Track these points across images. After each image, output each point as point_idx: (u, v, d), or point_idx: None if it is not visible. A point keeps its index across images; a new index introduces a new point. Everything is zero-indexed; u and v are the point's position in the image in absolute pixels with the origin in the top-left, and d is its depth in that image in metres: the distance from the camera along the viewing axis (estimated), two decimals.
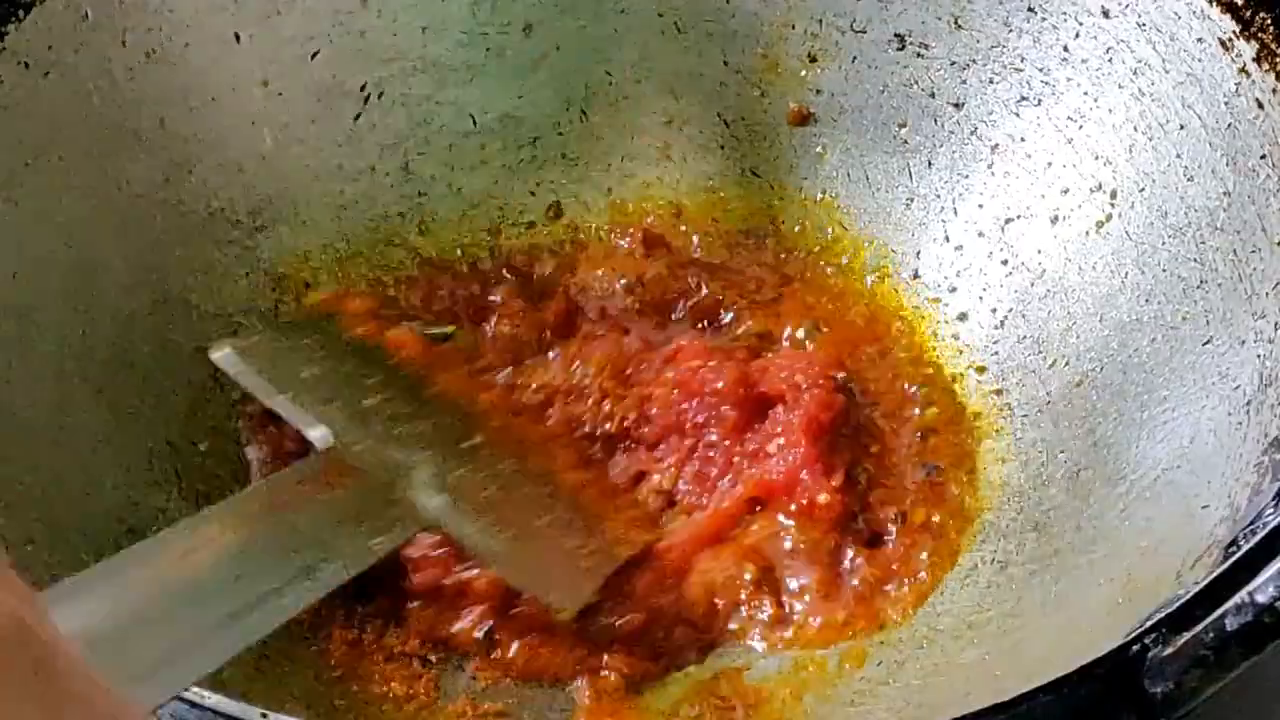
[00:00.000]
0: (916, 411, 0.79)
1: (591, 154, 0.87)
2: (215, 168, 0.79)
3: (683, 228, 0.86)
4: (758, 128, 0.86)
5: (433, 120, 0.85)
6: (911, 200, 0.83)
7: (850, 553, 0.73)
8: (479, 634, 0.70)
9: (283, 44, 0.81)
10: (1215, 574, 0.55)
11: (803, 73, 0.85)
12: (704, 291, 0.83)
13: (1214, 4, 0.71)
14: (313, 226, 0.83)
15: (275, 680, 0.67)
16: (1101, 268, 0.76)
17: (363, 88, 0.84)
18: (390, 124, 0.84)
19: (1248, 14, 0.70)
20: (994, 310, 0.80)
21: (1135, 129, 0.75)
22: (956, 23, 0.81)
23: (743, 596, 0.72)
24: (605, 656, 0.70)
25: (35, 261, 0.71)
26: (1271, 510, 0.58)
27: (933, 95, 0.82)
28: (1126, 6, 0.75)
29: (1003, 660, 0.66)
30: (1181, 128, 0.73)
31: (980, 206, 0.81)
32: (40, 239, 0.71)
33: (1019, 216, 0.80)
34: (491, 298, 0.83)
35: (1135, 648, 0.54)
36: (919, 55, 0.82)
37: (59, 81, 0.73)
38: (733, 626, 0.72)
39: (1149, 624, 0.55)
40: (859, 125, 0.84)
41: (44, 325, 0.71)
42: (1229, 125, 0.70)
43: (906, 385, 0.80)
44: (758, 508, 0.75)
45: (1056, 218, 0.78)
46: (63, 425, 0.70)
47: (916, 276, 0.83)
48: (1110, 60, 0.76)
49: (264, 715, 0.53)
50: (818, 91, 0.85)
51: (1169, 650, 0.53)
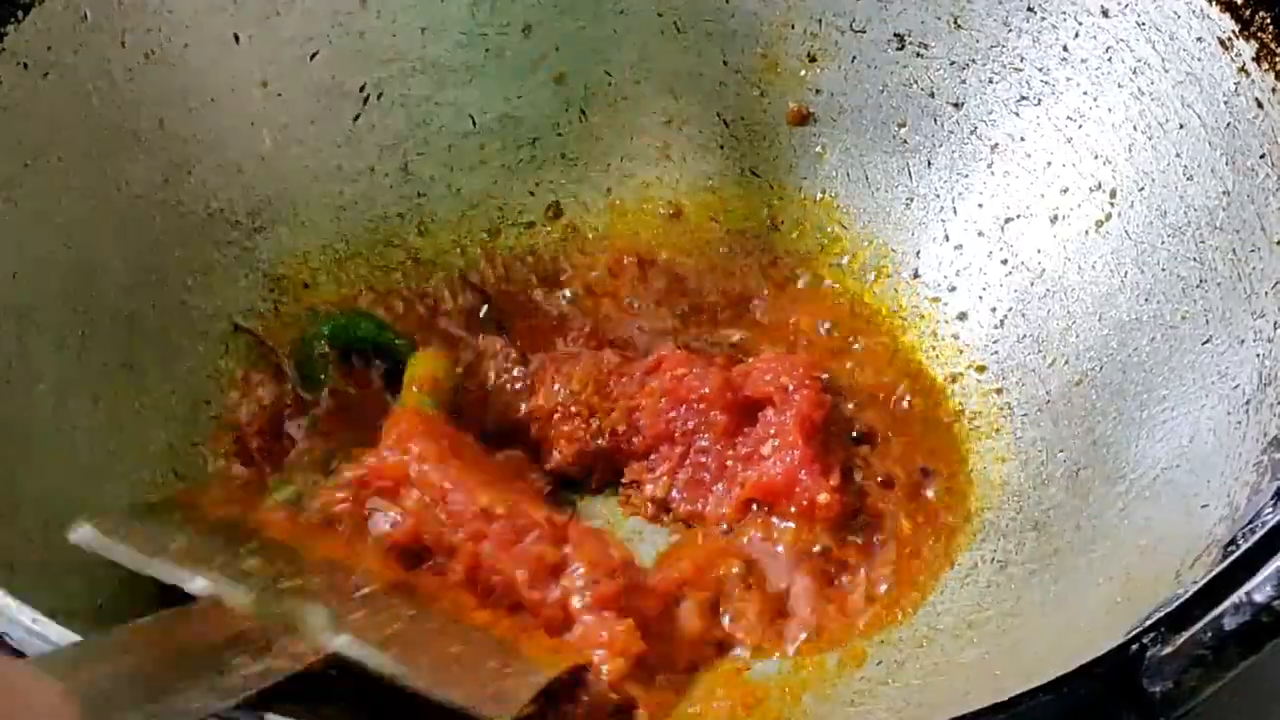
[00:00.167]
0: (905, 405, 0.79)
1: (591, 154, 0.87)
2: (214, 168, 0.79)
3: (681, 228, 0.87)
4: (757, 127, 0.86)
5: (432, 121, 0.85)
6: (911, 200, 0.83)
7: (849, 555, 0.73)
8: None
9: (282, 45, 0.81)
10: (1214, 573, 0.55)
11: (802, 72, 0.85)
12: (703, 293, 0.83)
13: (1213, 3, 0.71)
14: (312, 227, 0.83)
15: None
16: (1101, 267, 0.76)
17: (362, 88, 0.84)
18: (389, 125, 0.84)
19: (1247, 13, 0.70)
20: (994, 309, 0.80)
21: (1135, 128, 0.75)
22: (956, 22, 0.81)
23: (737, 601, 0.72)
24: None
25: (35, 262, 0.71)
26: (1270, 509, 0.58)
27: (932, 95, 0.82)
28: (1126, 6, 0.75)
29: (1002, 660, 0.65)
30: (1181, 127, 0.73)
31: (980, 206, 0.81)
32: (40, 239, 0.71)
33: (1019, 216, 0.80)
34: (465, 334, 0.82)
35: (1134, 647, 0.54)
36: (918, 55, 0.82)
37: (58, 82, 0.73)
38: (731, 629, 0.72)
39: (1148, 623, 0.55)
40: (858, 125, 0.84)
41: (44, 325, 0.71)
42: (1228, 124, 0.70)
43: (898, 385, 0.80)
44: (754, 508, 0.75)
45: (1056, 217, 0.78)
46: (62, 425, 0.70)
47: (916, 276, 0.83)
48: (1110, 60, 0.76)
49: (261, 716, 0.53)
50: (817, 91, 0.85)
51: (1168, 650, 0.53)
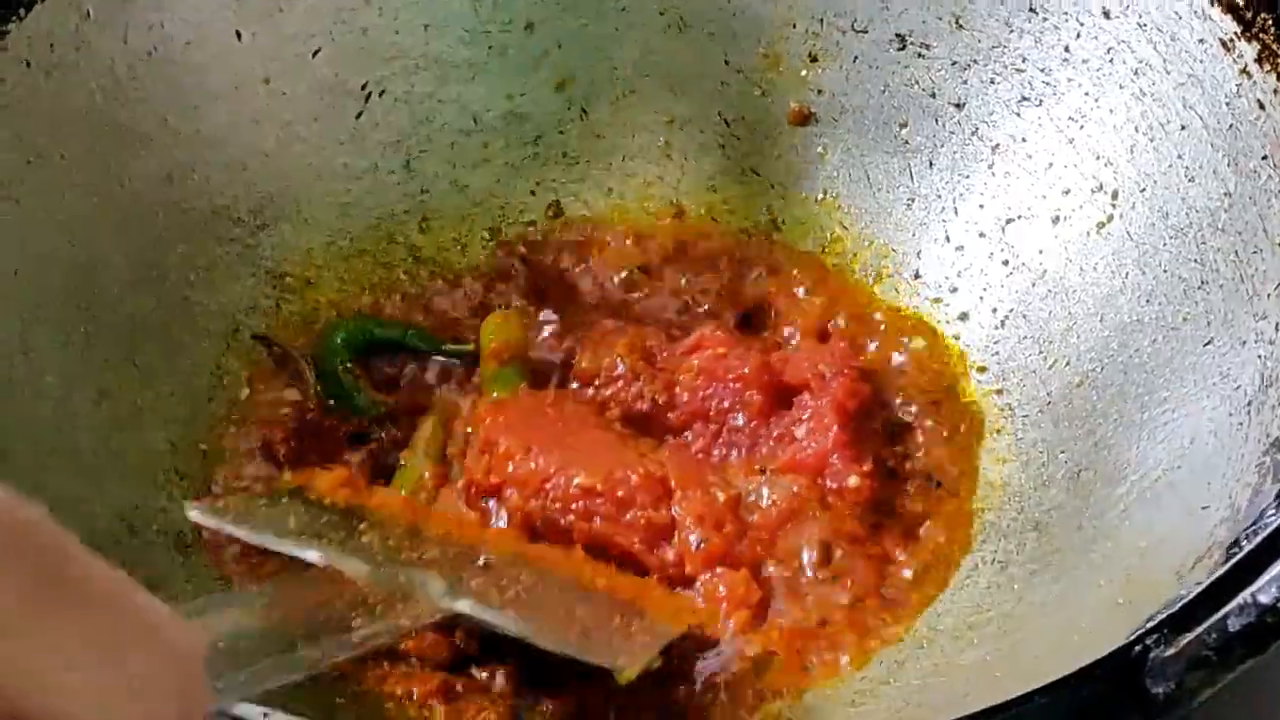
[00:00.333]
0: (914, 410, 0.79)
1: (593, 153, 0.87)
2: (217, 166, 0.79)
3: (682, 227, 0.87)
4: (759, 127, 0.86)
5: (435, 118, 0.85)
6: (912, 200, 0.83)
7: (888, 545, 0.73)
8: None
9: (285, 42, 0.81)
10: (1217, 575, 0.55)
11: (804, 72, 0.85)
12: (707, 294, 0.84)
13: (1215, 5, 0.71)
14: (315, 224, 0.83)
15: None
16: (1102, 268, 0.76)
17: (365, 86, 0.83)
18: (392, 122, 0.84)
19: (1249, 15, 0.70)
20: (995, 310, 0.80)
21: (1136, 129, 0.75)
22: (958, 23, 0.81)
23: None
24: None
25: (37, 260, 0.71)
26: (1273, 511, 0.58)
27: (934, 95, 0.82)
28: (1128, 7, 0.75)
29: (1003, 661, 0.65)
30: (1183, 128, 0.73)
31: (981, 207, 0.81)
32: (43, 237, 0.71)
33: (1020, 217, 0.80)
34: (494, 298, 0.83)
35: (1137, 648, 0.54)
36: (920, 55, 0.82)
37: (61, 80, 0.73)
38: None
39: (1151, 624, 0.54)
40: (860, 125, 0.84)
41: (46, 323, 0.71)
42: (1230, 126, 0.70)
43: (913, 387, 0.80)
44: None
45: (1057, 218, 0.78)
46: (64, 424, 0.70)
47: (917, 277, 0.83)
48: (1111, 61, 0.76)
49: (265, 715, 0.53)
50: (819, 91, 0.85)
51: (1171, 651, 0.53)
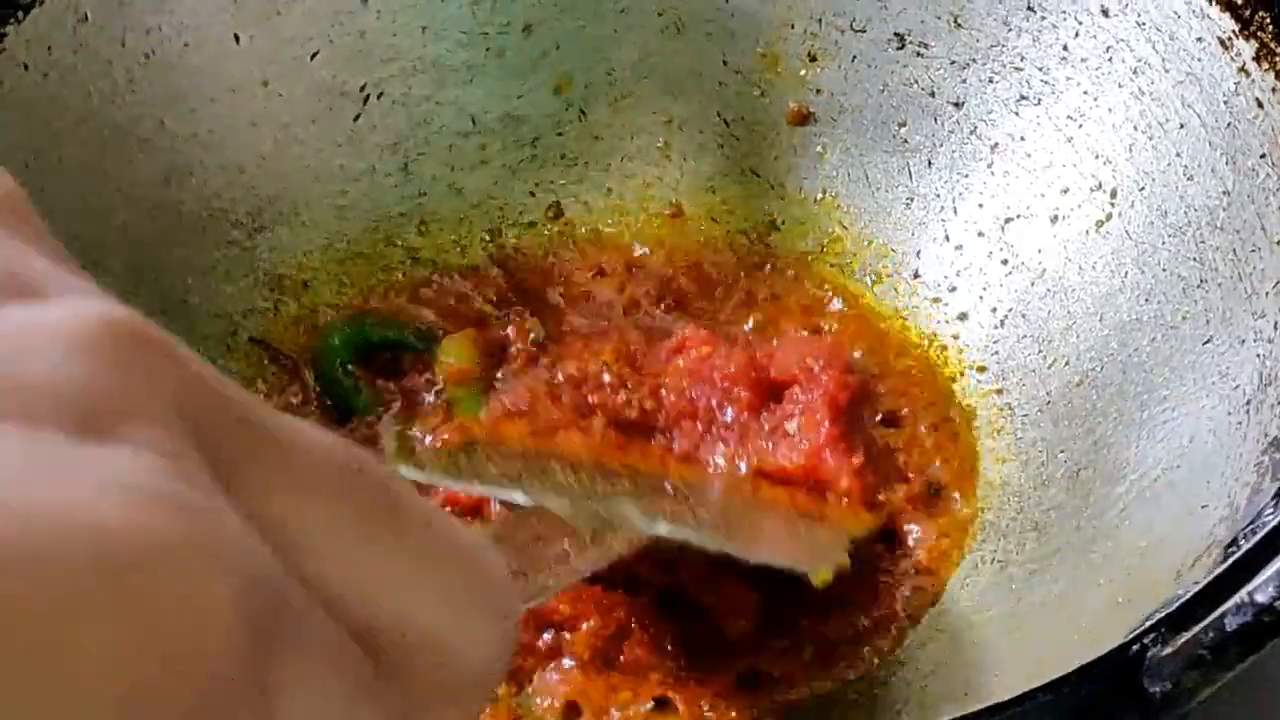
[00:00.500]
0: (914, 416, 0.79)
1: (591, 154, 0.87)
2: (215, 169, 0.79)
3: (682, 228, 0.86)
4: (757, 127, 0.86)
5: (433, 120, 0.85)
6: (911, 200, 0.83)
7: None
8: None
9: (282, 45, 0.81)
10: (1215, 574, 0.55)
11: (802, 72, 0.85)
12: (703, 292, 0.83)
13: (1213, 3, 0.71)
14: (313, 227, 0.83)
15: None
16: (1101, 267, 0.75)
17: (363, 88, 0.83)
18: (390, 124, 0.84)
19: (1247, 13, 0.70)
20: (994, 310, 0.80)
21: (1135, 128, 0.75)
22: (956, 22, 0.81)
23: None
24: None
25: None
26: (1271, 510, 0.58)
27: (933, 94, 0.82)
28: (1126, 5, 0.75)
29: (1003, 660, 0.65)
30: (1181, 127, 0.73)
31: (980, 206, 0.81)
32: None
33: (1019, 216, 0.80)
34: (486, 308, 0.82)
35: (1135, 648, 0.54)
36: (919, 54, 0.82)
37: (58, 83, 0.73)
38: None
39: (1148, 624, 0.54)
40: (859, 124, 0.84)
41: None
42: (1228, 124, 0.70)
43: (909, 388, 0.80)
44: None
45: (1056, 217, 0.78)
46: None
47: (917, 276, 0.82)
48: (1110, 59, 0.76)
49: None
50: (818, 91, 0.85)
51: (1168, 650, 0.53)
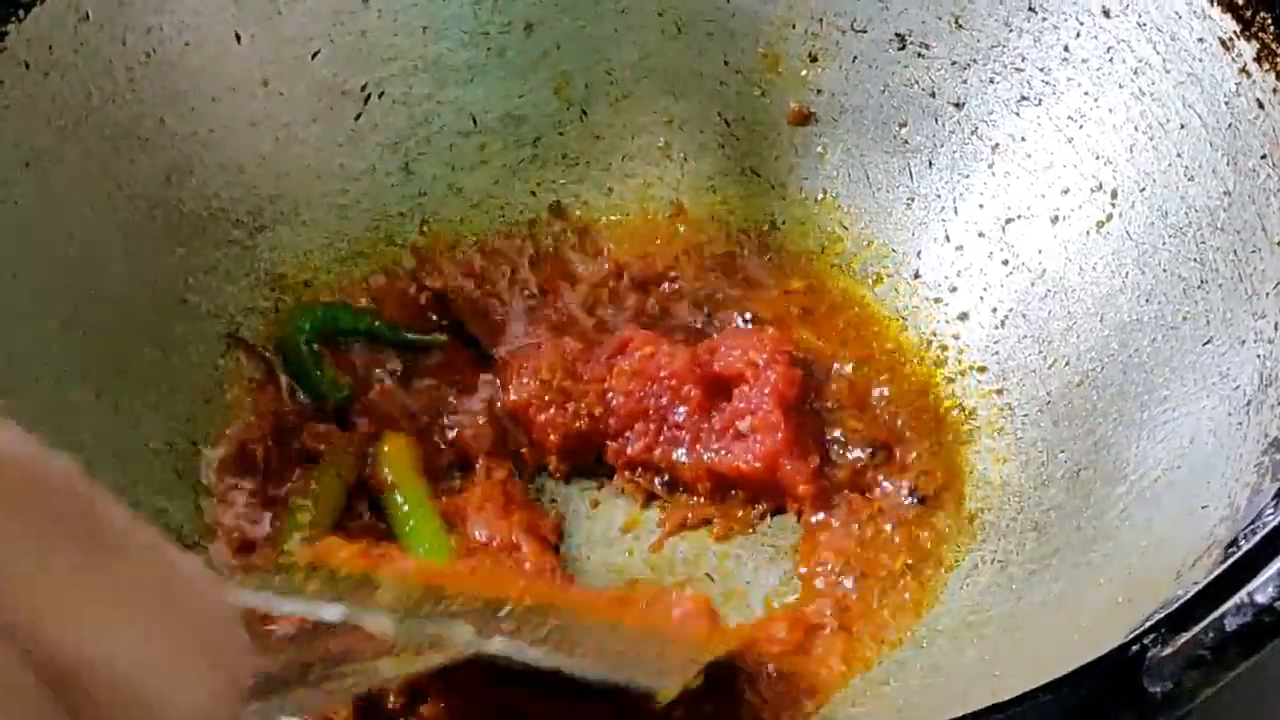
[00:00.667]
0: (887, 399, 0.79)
1: (592, 153, 0.87)
2: (216, 168, 0.79)
3: (682, 228, 0.87)
4: (758, 127, 0.86)
5: (433, 120, 0.85)
6: (912, 200, 0.83)
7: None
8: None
9: (283, 44, 0.81)
10: (1215, 574, 0.55)
11: (803, 72, 0.85)
12: (699, 292, 0.83)
13: (1215, 3, 0.71)
14: (313, 226, 0.83)
15: None
16: (1102, 268, 0.75)
17: (363, 87, 0.83)
18: (391, 124, 0.84)
19: (1248, 14, 0.70)
20: (994, 310, 0.80)
21: (1136, 129, 0.75)
22: (957, 22, 0.81)
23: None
24: None
25: (35, 262, 0.71)
26: (1271, 510, 0.58)
27: (933, 95, 0.82)
28: (1127, 6, 0.75)
29: (1002, 660, 0.65)
30: (1182, 127, 0.73)
31: (981, 206, 0.81)
32: (41, 240, 0.71)
33: (1020, 216, 0.80)
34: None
35: (1135, 648, 0.54)
36: (920, 55, 0.82)
37: (59, 82, 0.73)
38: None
39: (1148, 624, 0.55)
40: (860, 125, 0.84)
41: (44, 326, 0.71)
42: (1229, 125, 0.70)
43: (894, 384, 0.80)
44: (732, 493, 0.75)
45: (1057, 217, 0.78)
46: (63, 426, 0.70)
47: (917, 276, 0.82)
48: (1111, 60, 0.76)
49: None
50: (818, 91, 0.85)
51: (1168, 650, 0.53)
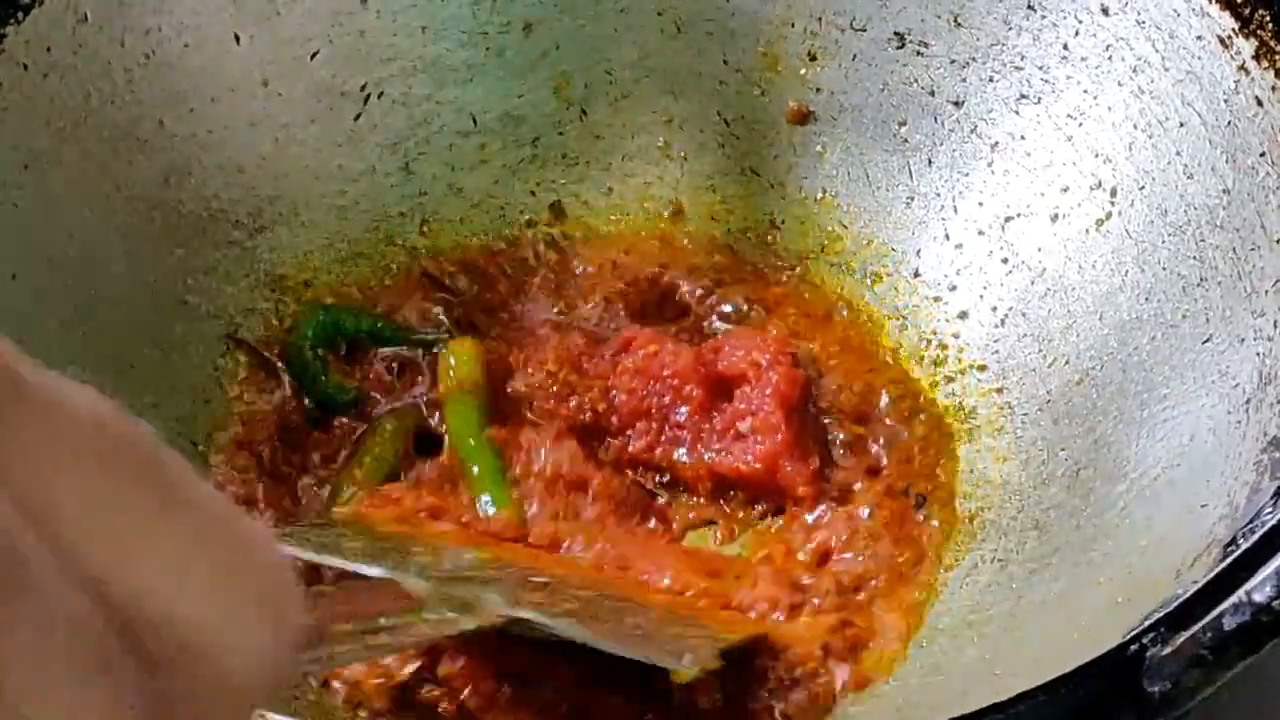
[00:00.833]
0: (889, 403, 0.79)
1: (592, 153, 0.87)
2: (215, 169, 0.79)
3: (682, 227, 0.86)
4: (757, 126, 0.86)
5: (433, 120, 0.85)
6: (912, 199, 0.83)
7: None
8: None
9: (282, 45, 0.81)
10: (1214, 573, 0.55)
11: (803, 71, 0.85)
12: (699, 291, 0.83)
13: (1213, 1, 0.71)
14: (313, 227, 0.83)
15: None
16: (1101, 266, 0.75)
17: (363, 88, 0.83)
18: (390, 124, 0.84)
19: (1247, 11, 0.70)
20: (994, 309, 0.80)
21: (1135, 127, 0.75)
22: (956, 21, 0.81)
23: None
24: None
25: (35, 264, 0.71)
26: (1270, 509, 0.58)
27: (933, 93, 0.82)
28: (1126, 4, 0.75)
29: (1002, 659, 0.65)
30: (1181, 125, 0.73)
31: (980, 205, 0.81)
32: (40, 242, 0.71)
33: (1019, 215, 0.80)
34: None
35: (1134, 647, 0.54)
36: (919, 53, 0.82)
37: (58, 83, 0.73)
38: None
39: (1148, 623, 0.54)
40: (859, 124, 0.84)
41: (44, 326, 0.71)
42: (1228, 123, 0.70)
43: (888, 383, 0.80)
44: (731, 494, 0.75)
45: (1056, 216, 0.78)
46: None
47: (917, 275, 0.82)
48: (1110, 58, 0.76)
49: (261, 715, 0.53)
50: (818, 90, 0.85)
51: (1167, 650, 0.53)
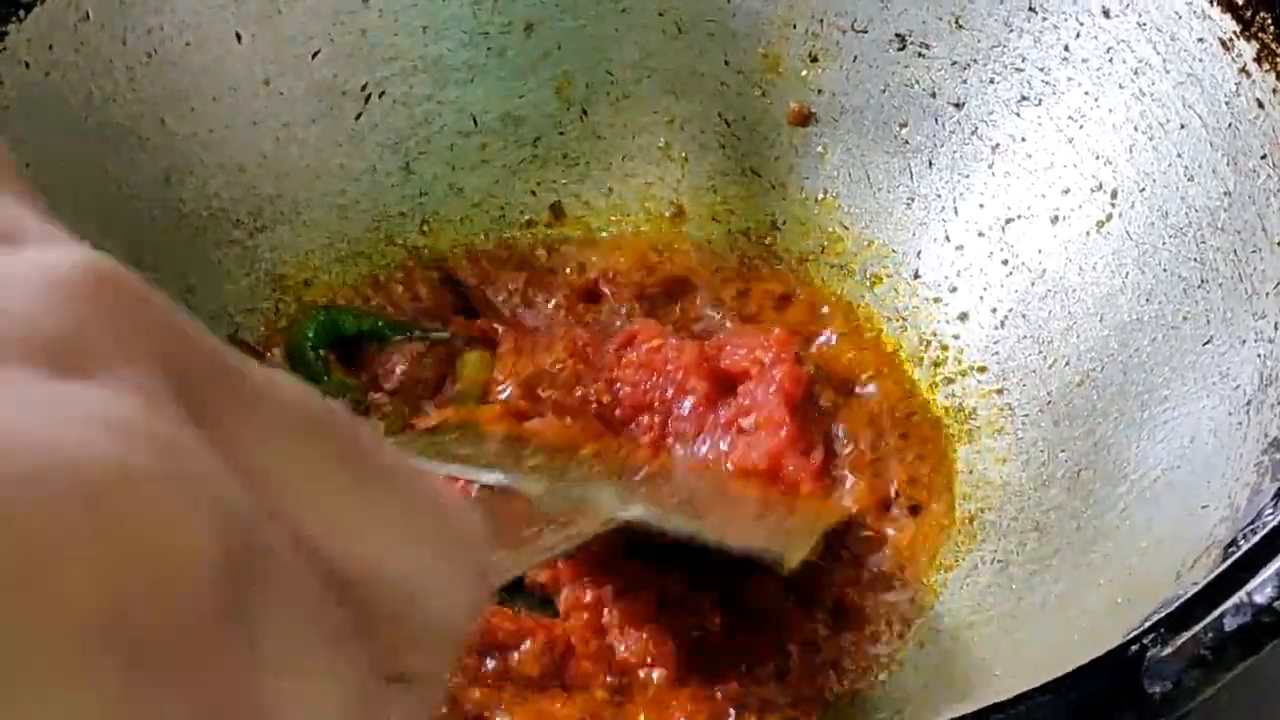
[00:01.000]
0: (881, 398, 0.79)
1: (592, 154, 0.87)
2: (216, 168, 0.79)
3: (682, 228, 0.86)
4: (759, 127, 0.86)
5: (434, 120, 0.85)
6: (912, 200, 0.83)
7: None
8: None
9: (284, 44, 0.81)
10: (1214, 574, 0.55)
11: (804, 72, 0.85)
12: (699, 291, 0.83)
13: (1215, 4, 0.71)
14: (314, 226, 0.83)
15: None
16: (1102, 267, 0.75)
17: (364, 87, 0.84)
18: (391, 124, 0.84)
19: (1248, 14, 0.70)
20: (994, 310, 0.80)
21: (1136, 129, 0.75)
22: (957, 22, 0.81)
23: None
24: None
25: None
26: (1271, 510, 0.58)
27: (934, 95, 0.82)
28: (1127, 6, 0.75)
29: (1003, 660, 0.65)
30: (1182, 127, 0.73)
31: (981, 206, 0.81)
32: None
33: (1020, 216, 0.80)
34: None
35: (1134, 648, 0.54)
36: (920, 55, 0.82)
37: (59, 82, 0.73)
38: None
39: (1148, 624, 0.54)
40: (860, 125, 0.84)
41: None
42: (1229, 125, 0.70)
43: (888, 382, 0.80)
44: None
45: (1057, 218, 0.78)
46: None
47: (917, 277, 0.82)
48: (1111, 60, 0.76)
49: None
50: (819, 91, 0.85)
51: (1168, 650, 0.53)
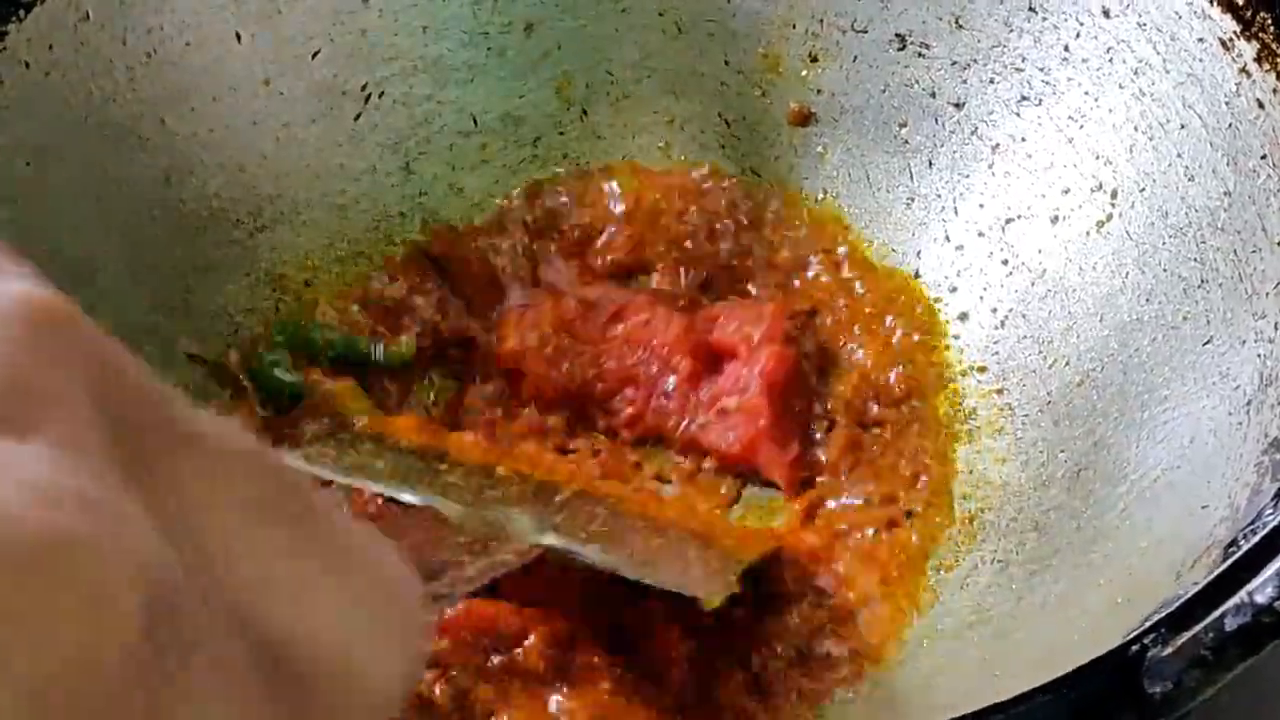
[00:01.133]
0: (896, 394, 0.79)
1: (592, 154, 0.87)
2: (216, 168, 0.79)
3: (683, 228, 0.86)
4: (759, 127, 0.86)
5: (434, 120, 0.85)
6: (912, 200, 0.83)
7: None
8: None
9: (284, 44, 0.81)
10: (1215, 574, 0.55)
11: (804, 72, 0.85)
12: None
13: (1215, 4, 0.71)
14: (313, 226, 0.83)
15: None
16: (1102, 267, 0.75)
17: (364, 87, 0.84)
18: (391, 124, 0.84)
19: (1248, 14, 0.70)
20: (994, 310, 0.80)
21: (1136, 129, 0.75)
22: (957, 22, 0.81)
23: None
24: None
25: (35, 261, 0.71)
26: (1271, 510, 0.58)
27: (934, 95, 0.82)
28: (1127, 6, 0.75)
29: (1003, 661, 0.65)
30: (1182, 127, 0.73)
31: (981, 206, 0.81)
32: (40, 240, 0.71)
33: (1020, 216, 0.80)
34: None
35: (1134, 648, 0.54)
36: (920, 55, 0.82)
37: (59, 81, 0.73)
38: None
39: (1148, 624, 0.54)
40: (860, 125, 0.84)
41: None
42: (1229, 125, 0.70)
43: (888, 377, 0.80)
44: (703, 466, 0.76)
45: (1057, 217, 0.78)
46: None
47: (917, 276, 0.82)
48: (1111, 60, 0.76)
49: None
50: (819, 91, 0.85)
51: (1168, 650, 0.53)
